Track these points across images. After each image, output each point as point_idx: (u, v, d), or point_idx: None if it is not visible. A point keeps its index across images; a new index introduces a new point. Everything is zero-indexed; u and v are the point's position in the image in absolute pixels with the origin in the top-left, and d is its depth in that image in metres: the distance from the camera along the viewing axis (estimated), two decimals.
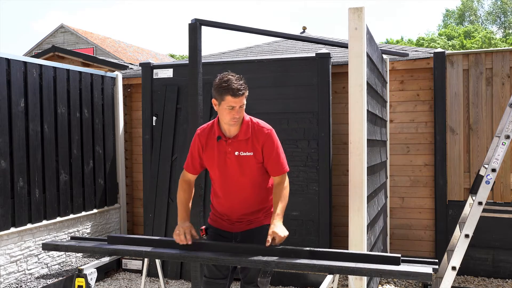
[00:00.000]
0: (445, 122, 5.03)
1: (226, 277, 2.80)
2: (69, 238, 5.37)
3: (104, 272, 5.09)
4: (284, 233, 2.51)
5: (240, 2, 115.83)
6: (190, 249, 2.66)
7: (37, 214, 4.94)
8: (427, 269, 2.29)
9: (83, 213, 5.59)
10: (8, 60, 4.65)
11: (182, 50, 59.72)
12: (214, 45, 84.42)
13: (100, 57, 7.58)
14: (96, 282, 4.84)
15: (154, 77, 5.49)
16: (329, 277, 2.54)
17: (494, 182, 3.51)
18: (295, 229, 4.96)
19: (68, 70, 5.44)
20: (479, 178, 3.81)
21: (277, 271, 4.76)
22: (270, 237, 2.47)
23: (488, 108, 4.92)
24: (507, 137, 3.51)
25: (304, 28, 8.92)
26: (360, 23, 2.92)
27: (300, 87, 4.99)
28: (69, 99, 5.45)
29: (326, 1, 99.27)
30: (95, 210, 5.80)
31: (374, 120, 3.84)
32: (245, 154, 2.61)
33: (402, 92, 5.36)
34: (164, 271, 5.04)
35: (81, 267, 4.23)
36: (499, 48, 4.95)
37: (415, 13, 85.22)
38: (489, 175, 3.47)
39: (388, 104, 5.26)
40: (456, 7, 46.40)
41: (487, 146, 4.87)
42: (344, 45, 4.40)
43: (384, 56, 4.99)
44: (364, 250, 2.95)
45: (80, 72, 5.64)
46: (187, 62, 3.76)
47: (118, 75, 6.26)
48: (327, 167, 4.89)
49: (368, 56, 3.31)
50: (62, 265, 5.24)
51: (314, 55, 4.99)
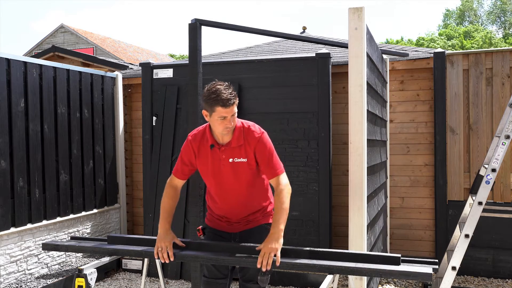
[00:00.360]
0: (445, 122, 5.03)
1: (226, 277, 2.80)
2: (69, 238, 5.37)
3: (104, 272, 5.09)
4: (272, 246, 2.39)
5: (240, 2, 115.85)
6: (190, 249, 2.66)
7: (37, 214, 4.94)
8: (427, 269, 2.29)
9: (83, 213, 5.59)
10: (8, 60, 4.65)
11: (182, 50, 59.73)
12: (214, 45, 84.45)
13: (100, 57, 7.58)
14: (96, 282, 4.84)
15: (154, 77, 5.49)
16: (329, 277, 2.54)
17: (494, 182, 3.51)
18: (295, 229, 4.96)
19: (68, 70, 5.44)
20: (479, 178, 3.81)
21: (277, 271, 4.76)
22: (261, 259, 2.38)
23: (488, 108, 4.92)
24: (507, 137, 3.51)
25: (304, 28, 8.92)
26: (360, 23, 2.93)
27: (300, 87, 4.99)
28: (69, 99, 5.45)
29: (326, 1, 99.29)
30: (95, 210, 5.80)
31: (374, 120, 3.84)
32: (239, 160, 2.58)
33: (402, 92, 5.36)
34: (164, 271, 5.04)
35: (81, 267, 4.23)
36: (499, 48, 4.95)
37: (415, 13, 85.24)
38: (489, 175, 3.47)
39: (388, 104, 5.26)
40: (456, 8, 46.43)
41: (487, 146, 4.87)
42: (344, 45, 4.40)
43: (384, 56, 4.99)
44: (364, 250, 2.95)
45: (80, 72, 5.64)
46: (187, 62, 3.76)
47: (118, 75, 6.26)
48: (327, 167, 4.89)
49: (368, 56, 3.32)
50: (62, 265, 5.24)
51: (314, 55, 4.99)
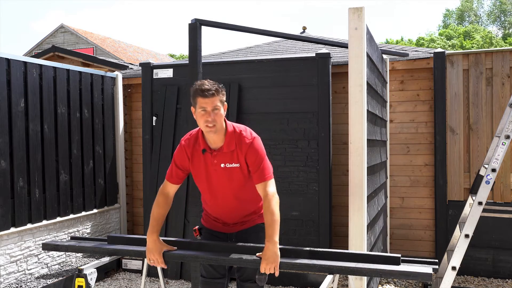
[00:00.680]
0: (445, 122, 5.03)
1: (224, 277, 2.80)
2: (69, 238, 5.37)
3: (104, 272, 5.09)
4: (271, 263, 2.38)
5: (240, 2, 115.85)
6: (190, 249, 2.66)
7: (37, 214, 4.94)
8: (427, 269, 2.29)
9: (83, 213, 5.59)
10: (8, 60, 4.65)
11: (182, 50, 59.71)
12: (214, 45, 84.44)
13: (100, 57, 7.58)
14: (96, 282, 4.84)
15: (154, 77, 5.49)
16: (329, 277, 2.54)
17: (494, 182, 3.51)
18: (295, 229, 4.97)
19: (68, 70, 5.44)
20: (479, 178, 3.81)
21: None
22: (262, 268, 2.38)
23: (488, 108, 4.92)
24: (507, 137, 3.51)
25: (304, 28, 8.92)
26: (360, 23, 2.93)
27: (300, 87, 4.99)
28: (69, 99, 5.44)
29: (326, 1, 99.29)
30: (95, 210, 5.80)
31: (374, 120, 3.84)
32: (232, 166, 2.55)
33: (402, 92, 5.36)
34: (164, 271, 5.04)
35: (81, 267, 4.23)
36: (499, 48, 4.95)
37: (415, 13, 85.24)
38: (489, 175, 3.47)
39: (388, 104, 5.26)
40: (456, 8, 46.44)
41: (487, 146, 4.87)
42: (344, 45, 4.40)
43: (384, 56, 4.99)
44: (364, 250, 2.95)
45: (80, 72, 5.64)
46: (187, 62, 3.76)
47: (118, 75, 6.26)
48: (327, 167, 4.89)
49: (368, 56, 3.31)
50: (62, 265, 5.24)
51: (314, 55, 4.99)
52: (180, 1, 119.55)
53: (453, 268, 3.49)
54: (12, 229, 4.64)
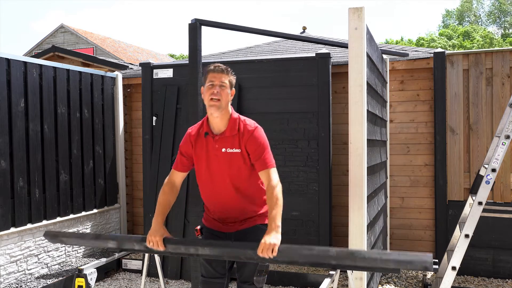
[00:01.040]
0: (445, 122, 5.03)
1: (223, 276, 2.80)
2: None
3: (104, 272, 5.09)
4: (272, 241, 2.36)
5: (240, 2, 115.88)
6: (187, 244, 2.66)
7: (37, 214, 4.94)
8: (427, 257, 2.22)
9: (83, 213, 5.59)
10: (8, 60, 4.65)
11: (182, 50, 59.72)
12: (214, 45, 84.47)
13: (100, 57, 7.58)
14: (96, 282, 4.84)
15: (154, 77, 5.49)
16: (329, 277, 2.54)
17: (494, 182, 3.51)
18: (295, 229, 4.97)
19: (68, 70, 5.44)
20: (479, 178, 3.81)
21: (277, 271, 4.76)
22: (260, 251, 2.38)
23: (488, 108, 4.92)
24: (507, 137, 3.51)
25: (304, 28, 8.92)
26: (360, 23, 2.93)
27: (300, 87, 4.99)
28: (69, 99, 5.45)
29: (326, 1, 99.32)
30: (95, 210, 5.80)
31: (374, 120, 3.84)
32: (233, 151, 2.61)
33: (402, 92, 5.36)
34: (164, 271, 5.04)
35: (81, 267, 4.24)
36: (499, 48, 4.95)
37: (415, 13, 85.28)
38: (489, 175, 3.47)
39: (388, 104, 5.26)
40: (455, 8, 46.44)
41: (487, 146, 4.87)
42: (344, 45, 4.40)
43: (384, 56, 4.99)
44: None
45: (80, 72, 5.64)
46: (187, 62, 3.76)
47: (118, 75, 6.26)
48: (327, 167, 4.89)
49: (368, 56, 3.31)
50: (62, 265, 5.24)
51: (314, 55, 4.99)
52: (180, 1, 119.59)
53: (453, 268, 3.49)
54: (12, 229, 4.64)
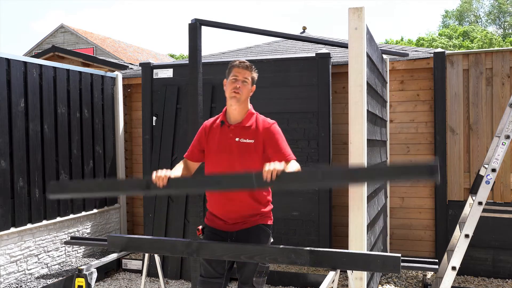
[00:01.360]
0: (445, 122, 5.03)
1: (222, 276, 2.80)
2: (69, 238, 5.38)
3: (104, 272, 5.09)
4: (276, 166, 2.26)
5: (240, 2, 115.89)
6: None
7: (37, 214, 4.94)
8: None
9: (83, 213, 5.59)
10: (8, 60, 4.65)
11: (182, 50, 59.74)
12: (214, 45, 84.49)
13: (100, 57, 7.58)
14: (96, 282, 4.83)
15: (154, 77, 5.49)
16: (329, 277, 2.54)
17: (494, 182, 3.52)
18: (295, 229, 4.96)
19: (68, 70, 5.44)
20: (479, 178, 3.81)
21: (277, 271, 4.76)
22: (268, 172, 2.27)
23: (488, 108, 4.92)
24: (507, 137, 3.51)
25: (304, 28, 8.92)
26: (360, 23, 2.92)
27: (300, 87, 4.99)
28: (69, 99, 5.45)
29: (326, 1, 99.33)
30: (95, 210, 5.80)
31: (374, 120, 3.84)
32: (246, 141, 2.66)
33: (402, 92, 5.36)
34: (164, 271, 5.04)
35: (81, 267, 4.23)
36: (499, 48, 4.95)
37: (415, 13, 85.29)
38: (489, 175, 3.47)
39: (388, 104, 5.25)
40: (455, 9, 46.44)
41: (487, 146, 4.87)
42: (344, 45, 4.40)
43: (384, 56, 4.99)
44: (364, 250, 2.95)
45: (80, 72, 5.64)
46: (187, 62, 3.76)
47: (118, 75, 6.26)
48: None
49: (368, 56, 3.31)
50: (62, 265, 5.24)
51: (314, 55, 4.99)
52: (180, 1, 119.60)
53: (453, 268, 3.49)
54: (12, 229, 4.64)
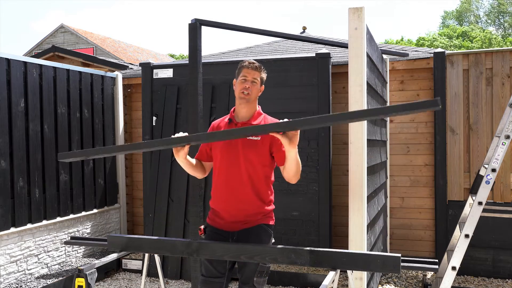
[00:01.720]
0: (445, 122, 5.03)
1: (223, 276, 2.80)
2: (69, 238, 5.38)
3: (104, 272, 5.09)
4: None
5: (240, 2, 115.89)
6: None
7: (37, 214, 4.94)
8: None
9: (83, 213, 5.59)
10: (8, 60, 4.65)
11: (182, 50, 59.75)
12: (214, 45, 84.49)
13: (100, 57, 7.58)
14: (96, 282, 4.83)
15: (154, 77, 5.49)
16: (329, 277, 2.54)
17: (494, 182, 3.52)
18: (295, 229, 4.96)
19: (68, 70, 5.44)
20: (479, 178, 3.81)
21: (277, 271, 4.76)
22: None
23: (488, 108, 4.92)
24: (507, 137, 3.51)
25: (304, 28, 8.92)
26: (360, 23, 2.92)
27: (300, 87, 4.99)
28: (69, 99, 5.45)
29: (326, 1, 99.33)
30: (95, 210, 5.80)
31: (374, 120, 3.84)
32: (252, 139, 2.68)
33: (402, 92, 5.36)
34: (164, 271, 5.04)
35: (81, 267, 4.23)
36: (499, 48, 4.95)
37: (415, 13, 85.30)
38: (489, 175, 3.47)
39: (388, 104, 5.26)
40: (455, 9, 46.43)
41: (487, 146, 4.87)
42: (344, 45, 4.40)
43: (384, 56, 4.99)
44: (364, 250, 2.95)
45: (80, 72, 5.64)
46: (187, 62, 3.76)
47: (118, 75, 6.26)
48: (327, 167, 4.89)
49: (368, 56, 3.31)
50: (62, 265, 5.24)
51: (314, 55, 4.99)
52: (180, 1, 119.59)
53: (453, 268, 3.49)
54: (12, 229, 4.64)
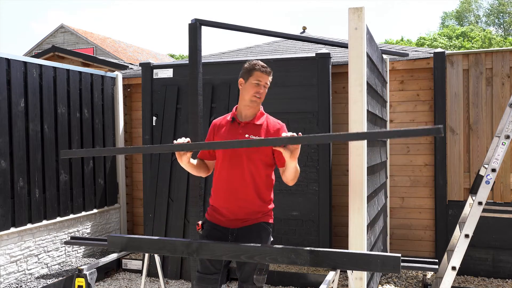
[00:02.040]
0: (445, 122, 5.03)
1: (219, 272, 2.81)
2: (69, 238, 5.38)
3: (104, 272, 5.09)
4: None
5: (240, 2, 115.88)
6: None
7: (37, 214, 4.94)
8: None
9: (83, 213, 5.59)
10: (8, 60, 4.65)
11: (182, 50, 59.76)
12: (214, 45, 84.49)
13: (100, 57, 7.58)
14: (96, 282, 4.83)
15: (154, 77, 5.49)
16: (329, 277, 2.54)
17: (494, 182, 3.51)
18: (295, 229, 4.97)
19: (68, 70, 5.44)
20: (479, 178, 3.81)
21: (277, 271, 4.76)
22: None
23: (488, 108, 4.92)
24: (507, 137, 3.51)
25: (304, 28, 8.92)
26: (360, 23, 2.92)
27: (300, 87, 4.99)
28: (69, 99, 5.45)
29: (326, 1, 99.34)
30: (95, 210, 5.80)
31: (374, 120, 3.84)
32: (256, 138, 2.68)
33: (402, 92, 5.36)
34: (164, 271, 5.04)
35: (81, 267, 4.23)
36: (499, 48, 4.95)
37: (415, 13, 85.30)
38: (489, 175, 3.47)
39: (388, 104, 5.25)
40: (455, 9, 46.43)
41: (487, 146, 4.87)
42: (344, 45, 4.40)
43: (384, 56, 4.99)
44: (364, 250, 2.95)
45: (80, 72, 5.64)
46: (187, 62, 3.76)
47: (118, 75, 6.26)
48: (327, 167, 4.89)
49: (368, 56, 3.31)
50: (62, 265, 5.24)
51: (314, 55, 4.99)
52: (180, 1, 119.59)
53: (453, 268, 3.49)
54: (12, 229, 4.64)
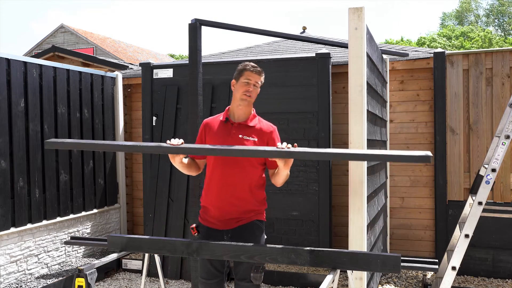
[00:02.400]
0: (445, 122, 5.03)
1: (222, 273, 2.82)
2: (69, 238, 5.38)
3: (104, 272, 5.09)
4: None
5: (240, 2, 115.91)
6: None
7: (37, 214, 4.94)
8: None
9: (83, 213, 5.59)
10: (8, 60, 4.65)
11: (182, 50, 59.77)
12: (214, 45, 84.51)
13: (100, 57, 7.58)
14: (96, 282, 4.83)
15: (154, 77, 5.49)
16: (329, 277, 2.54)
17: (494, 182, 3.51)
18: (295, 229, 4.97)
19: (68, 70, 5.44)
20: (479, 178, 3.81)
21: (277, 271, 4.76)
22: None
23: (488, 108, 4.92)
24: (507, 137, 3.51)
25: (304, 28, 8.92)
26: (360, 23, 2.92)
27: (300, 87, 4.99)
28: (69, 99, 5.45)
29: (326, 1, 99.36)
30: (95, 210, 5.80)
31: (374, 120, 3.84)
32: (249, 138, 2.71)
33: (402, 92, 5.36)
34: (164, 271, 5.04)
35: (81, 267, 4.23)
36: (499, 48, 4.95)
37: (415, 13, 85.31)
38: (489, 175, 3.47)
39: (388, 104, 5.25)
40: (455, 9, 46.44)
41: (487, 146, 4.87)
42: (344, 45, 4.40)
43: (384, 56, 4.99)
44: (364, 250, 2.95)
45: (80, 72, 5.64)
46: (187, 62, 3.76)
47: (118, 75, 6.26)
48: (327, 167, 4.89)
49: (368, 56, 3.31)
50: (62, 265, 5.24)
51: (314, 55, 4.99)
52: (180, 1, 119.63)
53: (453, 268, 3.49)
54: (12, 229, 4.64)
